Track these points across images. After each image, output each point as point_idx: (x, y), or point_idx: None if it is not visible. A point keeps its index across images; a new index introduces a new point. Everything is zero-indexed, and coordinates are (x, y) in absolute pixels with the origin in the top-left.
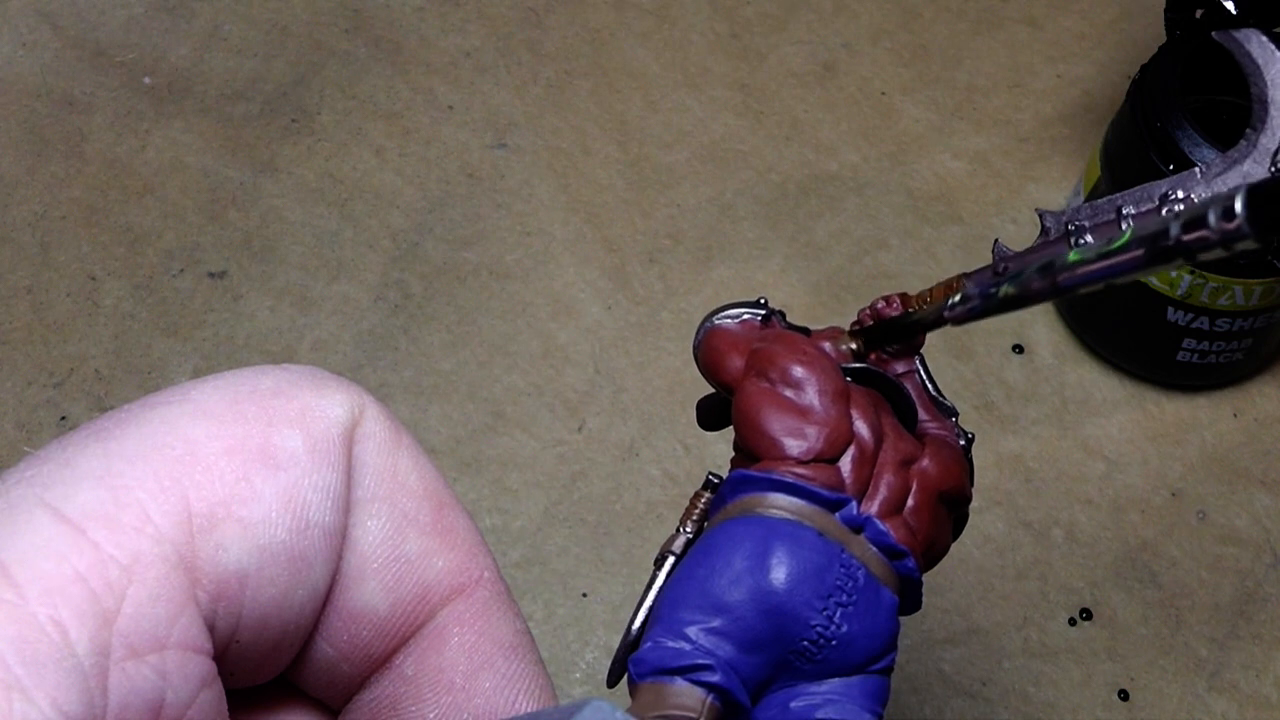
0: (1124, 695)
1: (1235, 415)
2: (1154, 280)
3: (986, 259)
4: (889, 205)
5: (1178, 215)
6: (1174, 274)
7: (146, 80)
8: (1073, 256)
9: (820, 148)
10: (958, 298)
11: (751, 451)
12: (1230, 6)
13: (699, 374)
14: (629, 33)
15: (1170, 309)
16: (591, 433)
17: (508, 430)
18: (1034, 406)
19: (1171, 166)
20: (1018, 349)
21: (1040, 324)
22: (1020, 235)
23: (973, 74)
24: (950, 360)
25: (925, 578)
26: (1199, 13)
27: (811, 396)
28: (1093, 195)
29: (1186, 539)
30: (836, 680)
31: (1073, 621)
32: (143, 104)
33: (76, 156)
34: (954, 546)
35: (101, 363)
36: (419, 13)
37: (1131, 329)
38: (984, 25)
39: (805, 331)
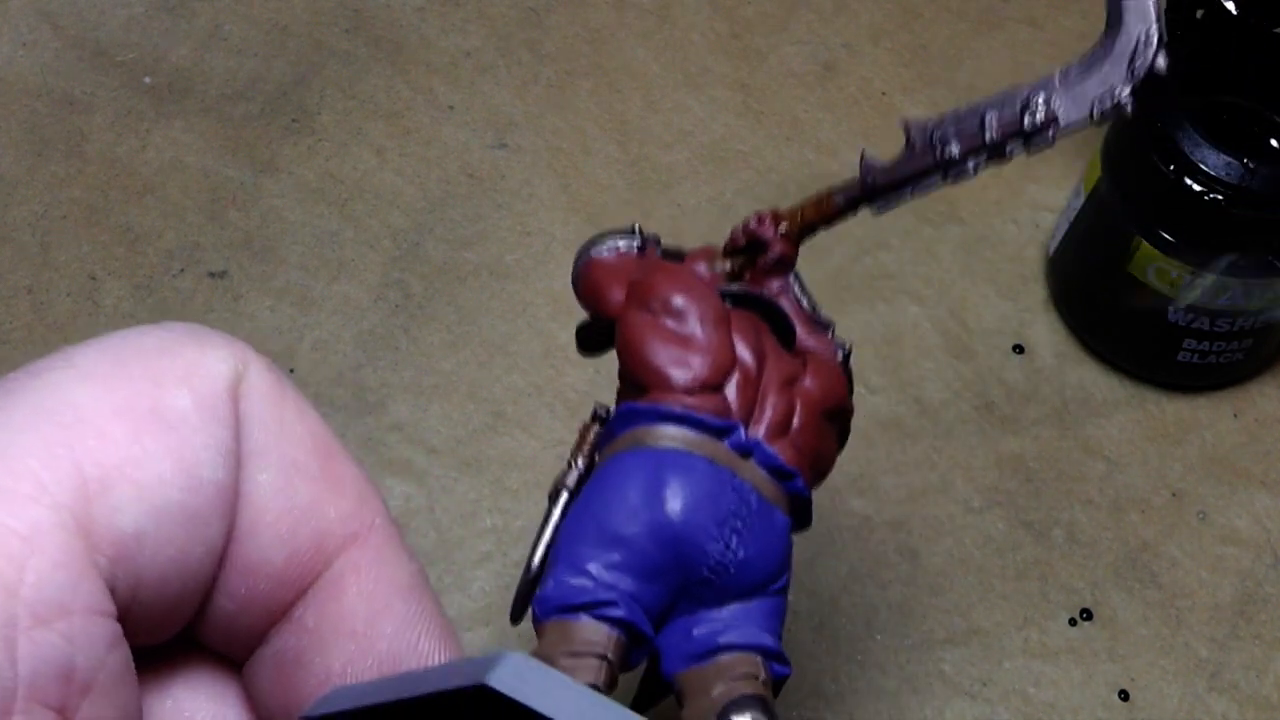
0: (1124, 695)
1: (1236, 415)
2: (1154, 281)
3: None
4: None
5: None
6: (1174, 274)
7: (147, 80)
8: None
9: (820, 148)
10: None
11: (638, 383)
12: (1230, 6)
13: None
14: (629, 33)
15: (1171, 309)
16: None
17: (508, 430)
18: (1034, 406)
19: (1172, 167)
20: (1018, 349)
21: (1040, 324)
22: (1021, 235)
23: (973, 74)
24: (950, 360)
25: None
26: (1199, 13)
27: (693, 325)
28: (1093, 195)
29: (1187, 539)
30: (736, 604)
31: (1073, 621)
32: (143, 104)
33: (76, 156)
34: (954, 546)
35: None
36: (419, 13)
37: (1132, 329)
38: (984, 25)
39: (680, 256)
